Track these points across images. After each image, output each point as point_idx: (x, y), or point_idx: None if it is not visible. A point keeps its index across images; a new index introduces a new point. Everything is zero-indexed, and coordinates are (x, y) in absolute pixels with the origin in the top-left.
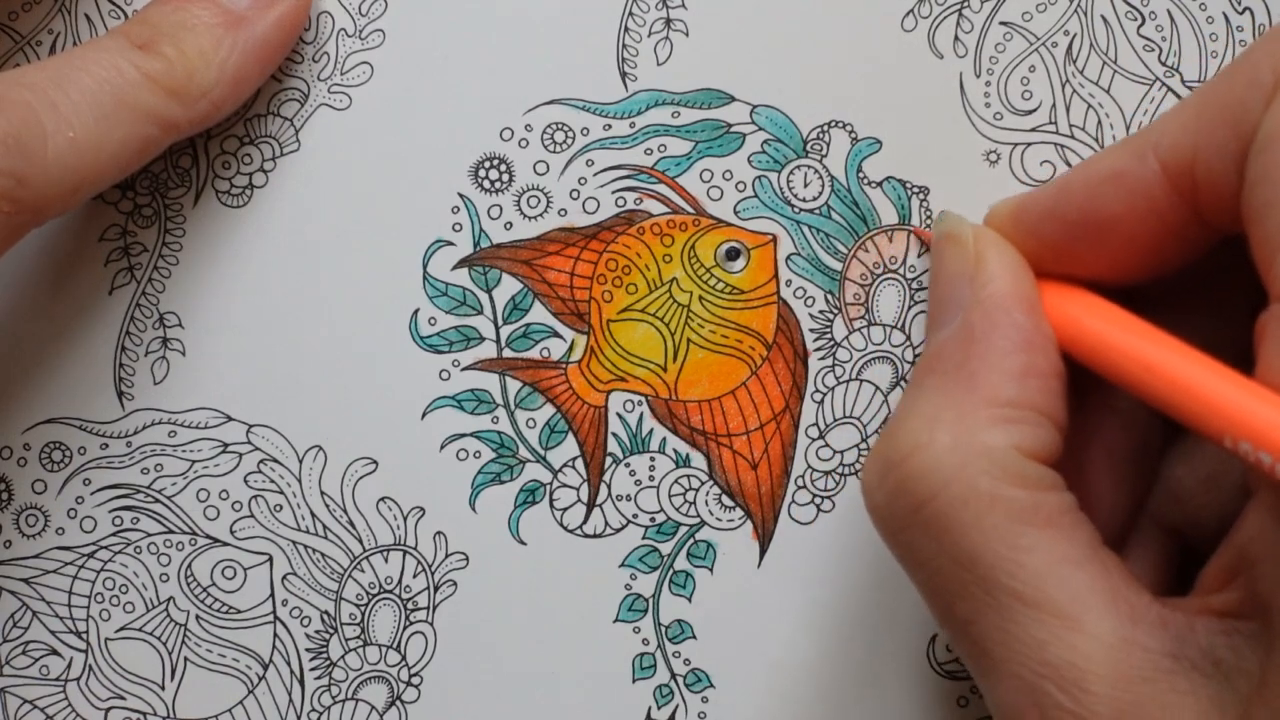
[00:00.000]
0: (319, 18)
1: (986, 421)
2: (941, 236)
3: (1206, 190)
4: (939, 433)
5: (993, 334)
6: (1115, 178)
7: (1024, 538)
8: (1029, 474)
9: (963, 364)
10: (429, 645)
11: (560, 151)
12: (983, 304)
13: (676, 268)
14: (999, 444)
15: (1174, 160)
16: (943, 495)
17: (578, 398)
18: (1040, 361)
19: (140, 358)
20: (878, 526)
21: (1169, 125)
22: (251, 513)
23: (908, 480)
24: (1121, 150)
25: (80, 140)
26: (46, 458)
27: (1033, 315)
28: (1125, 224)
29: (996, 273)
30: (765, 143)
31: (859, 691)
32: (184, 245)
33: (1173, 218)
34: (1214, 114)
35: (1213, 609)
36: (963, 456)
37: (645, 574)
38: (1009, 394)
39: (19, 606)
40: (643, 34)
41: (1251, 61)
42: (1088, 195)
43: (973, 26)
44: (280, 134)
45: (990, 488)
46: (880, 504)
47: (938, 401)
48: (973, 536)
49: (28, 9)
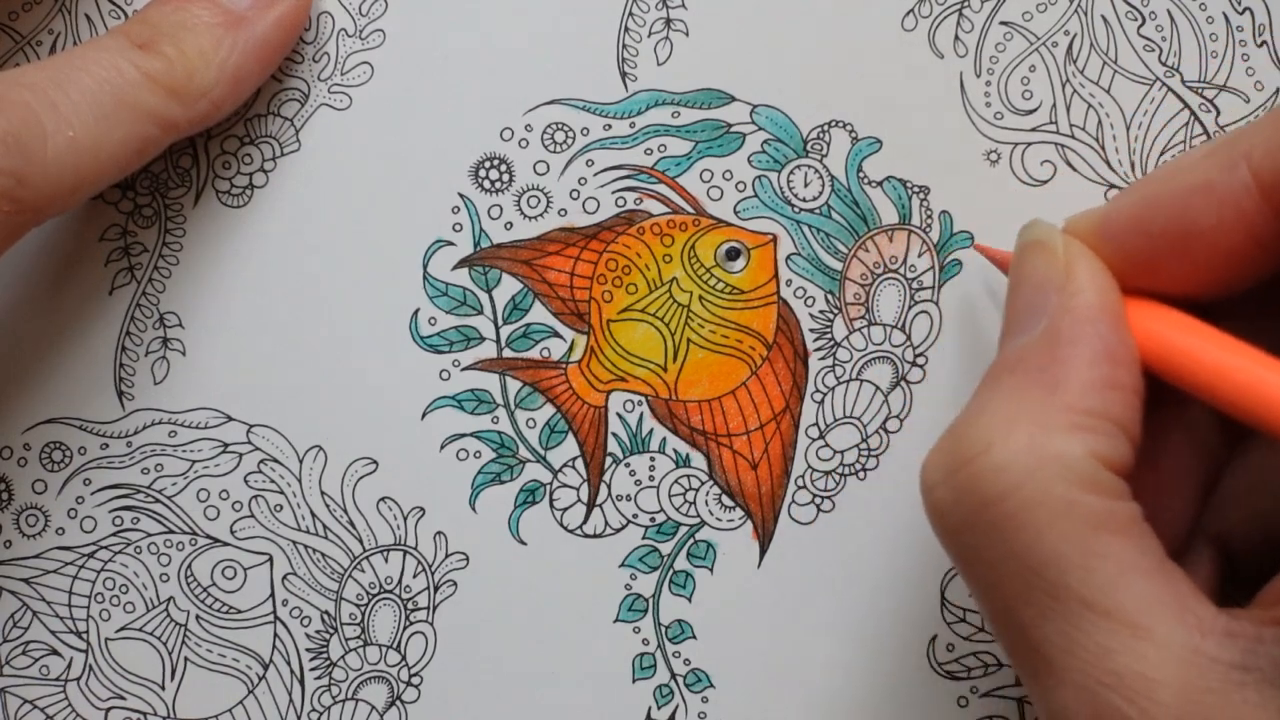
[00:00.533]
0: (319, 18)
1: (1065, 427)
2: (1029, 243)
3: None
4: (1015, 433)
5: (1079, 343)
6: (1204, 190)
7: (1097, 544)
8: (1104, 482)
9: (1045, 368)
10: (429, 645)
11: (560, 151)
12: (1071, 313)
13: (676, 268)
14: (1075, 451)
15: (1267, 171)
16: (1015, 496)
17: (578, 398)
18: (1122, 375)
19: (140, 358)
20: (937, 523)
21: (1262, 134)
22: (252, 513)
23: (979, 477)
24: (1210, 160)
25: (80, 140)
26: (47, 458)
27: (1119, 329)
28: (1213, 236)
29: (1086, 284)
30: (765, 143)
31: (859, 691)
32: (184, 245)
33: (1264, 230)
34: None
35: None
36: (1039, 459)
37: (645, 574)
38: (1089, 403)
39: (19, 606)
40: (643, 34)
41: None
42: (1176, 207)
43: (973, 26)
44: (280, 134)
45: (1065, 492)
46: (944, 500)
47: (1016, 402)
48: (1045, 539)
49: (28, 9)
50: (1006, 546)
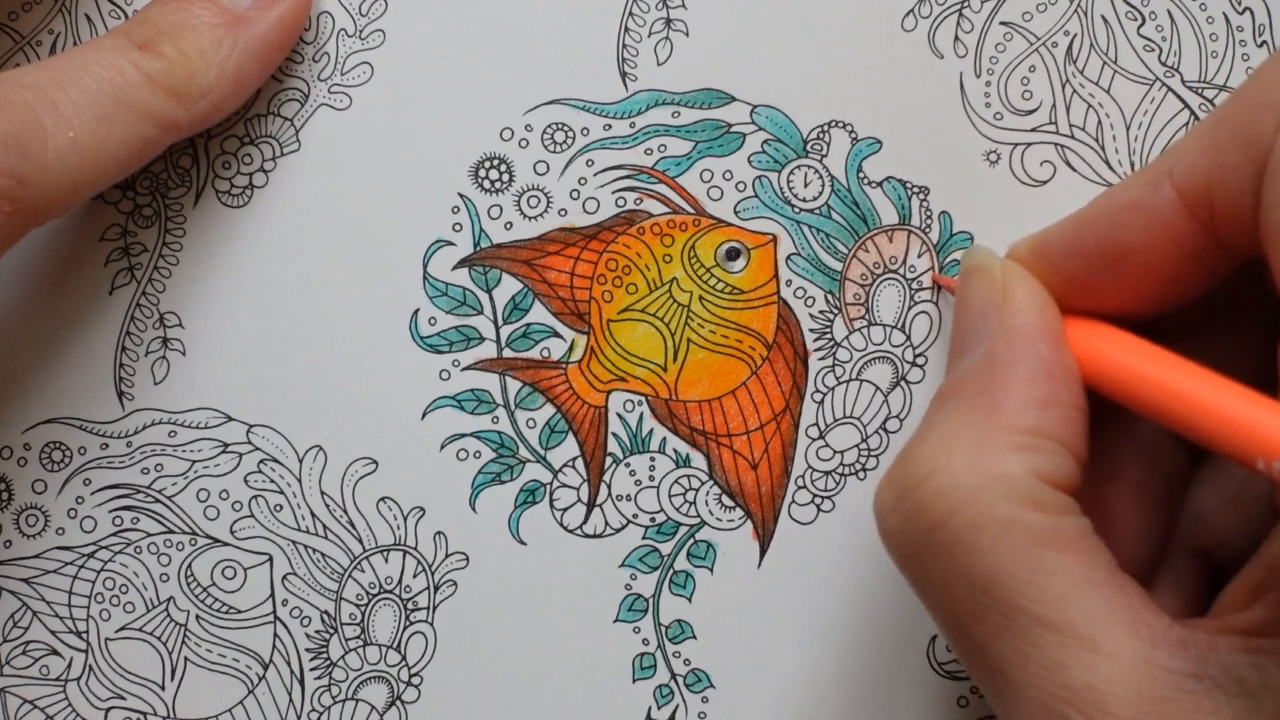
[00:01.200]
0: (319, 18)
1: (1005, 447)
2: (969, 269)
3: (1223, 215)
4: (956, 456)
5: (1016, 363)
6: (1133, 208)
7: (1043, 560)
8: (1046, 499)
9: (984, 390)
10: (429, 645)
11: (560, 151)
12: (1008, 333)
13: (677, 268)
14: (1017, 470)
15: (1190, 187)
16: (959, 517)
17: (578, 398)
18: (1062, 392)
19: (140, 358)
20: (891, 549)
21: (1183, 152)
22: (251, 513)
23: (923, 502)
24: (1137, 180)
25: (80, 140)
26: (46, 458)
27: (1057, 347)
28: (1145, 253)
29: (1023, 304)
30: (765, 143)
31: (859, 691)
32: (184, 245)
33: (1191, 244)
34: (1227, 138)
35: (1236, 628)
36: (980, 479)
37: (645, 574)
38: (1029, 422)
39: (19, 606)
40: (643, 34)
41: (1261, 82)
42: (1107, 227)
43: (973, 26)
44: (280, 134)
45: (1008, 511)
46: (894, 526)
47: (956, 426)
48: (990, 559)
49: (28, 9)
50: (955, 567)
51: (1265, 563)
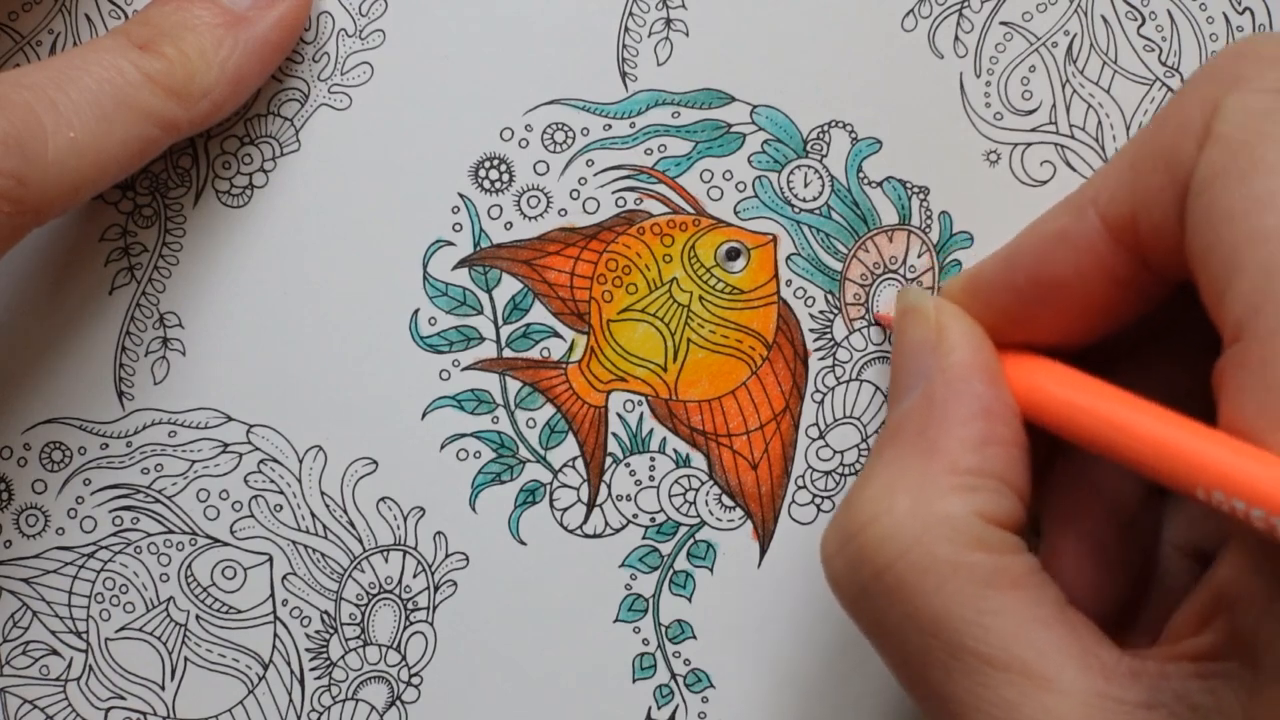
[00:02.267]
0: (319, 18)
1: (946, 489)
2: (904, 310)
3: (1149, 240)
4: (898, 501)
5: (953, 403)
6: (1059, 238)
7: (988, 601)
8: (990, 539)
9: (922, 432)
10: (429, 645)
11: (560, 151)
12: (944, 373)
13: (677, 268)
14: (959, 511)
15: (1114, 214)
16: (902, 562)
17: (578, 398)
18: (1001, 430)
19: (140, 358)
20: (837, 594)
21: (1106, 179)
22: (251, 513)
23: (866, 548)
24: (1062, 210)
25: (81, 140)
26: (46, 458)
27: (993, 385)
28: (1075, 283)
29: (957, 343)
30: (765, 143)
31: (859, 691)
32: (184, 245)
33: (1121, 272)
34: (1148, 163)
35: (1186, 654)
36: (922, 523)
37: (645, 574)
38: (968, 462)
39: (19, 606)
40: (643, 34)
41: (1180, 106)
42: (1035, 259)
43: (973, 26)
44: (280, 134)
45: (951, 553)
46: (840, 572)
47: (896, 470)
48: (935, 602)
49: (28, 9)
50: (902, 611)
51: (1212, 589)
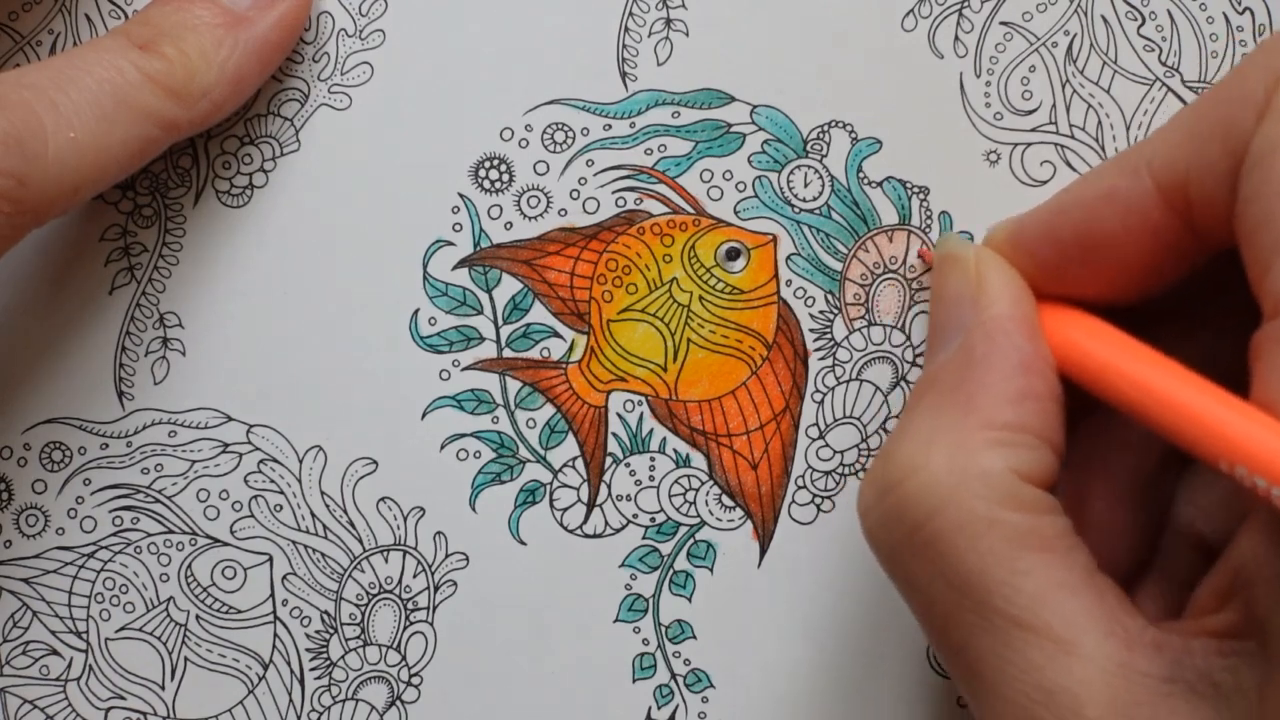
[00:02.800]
0: (319, 18)
1: (983, 444)
2: (943, 258)
3: (1200, 207)
4: (935, 455)
5: (992, 356)
6: (1109, 196)
7: (1021, 561)
8: (1025, 497)
9: (959, 386)
10: (429, 645)
11: (560, 151)
12: (983, 326)
13: (676, 268)
14: (995, 467)
15: (1167, 177)
16: (939, 518)
17: (578, 398)
18: (1038, 385)
19: (140, 358)
20: (874, 549)
21: (1162, 141)
22: (251, 513)
23: (903, 503)
24: (1114, 168)
25: (81, 140)
26: (46, 458)
27: (1032, 339)
28: (1121, 242)
29: (998, 295)
30: (765, 143)
31: (859, 691)
32: (184, 245)
33: (1168, 234)
34: (1206, 130)
35: (1208, 630)
36: (959, 479)
37: (645, 574)
38: (1006, 417)
39: (19, 606)
40: (643, 34)
41: (1242, 77)
42: (1083, 214)
43: (973, 26)
44: (280, 134)
45: (987, 511)
46: (875, 527)
47: (934, 424)
48: (969, 560)
49: (28, 9)
50: (935, 568)
51: (1232, 566)
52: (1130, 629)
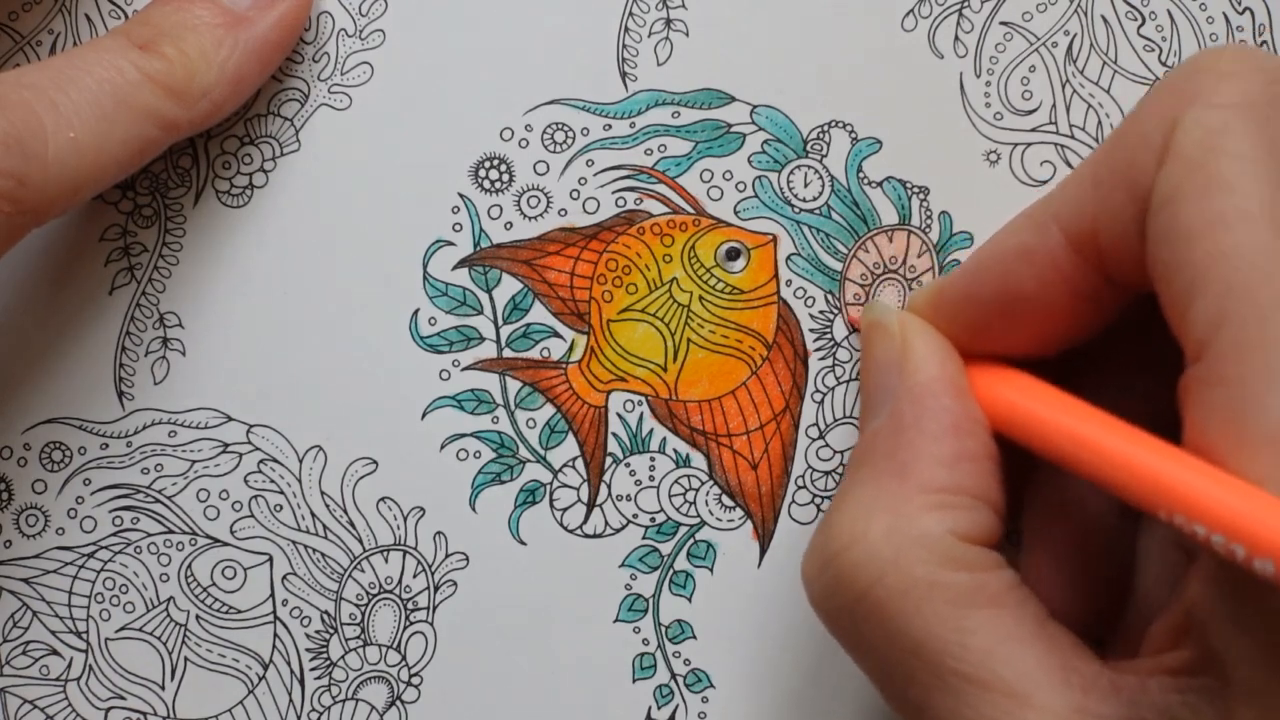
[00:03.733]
0: (319, 18)
1: (920, 509)
2: (869, 325)
3: (1111, 255)
4: (873, 523)
5: (922, 421)
6: (1021, 253)
7: (967, 620)
8: (967, 557)
9: (893, 453)
10: (429, 645)
11: (560, 151)
12: (911, 391)
13: (677, 268)
14: (934, 531)
15: (1076, 228)
16: (880, 585)
17: (578, 398)
18: (971, 445)
19: (140, 358)
20: (822, 617)
21: (1067, 194)
22: (251, 513)
23: (845, 572)
24: (1025, 224)
25: (81, 140)
26: (46, 458)
27: (961, 399)
28: (1039, 298)
29: (923, 359)
30: (765, 143)
31: (859, 692)
32: (184, 245)
33: (1084, 285)
34: (1109, 178)
35: (1165, 668)
36: (898, 545)
37: (645, 574)
38: (941, 480)
39: (19, 606)
40: (643, 34)
41: (1139, 122)
42: (999, 274)
43: (973, 26)
44: (280, 134)
45: (928, 574)
46: (821, 596)
47: (871, 492)
48: (915, 623)
49: (28, 9)
50: (882, 633)
51: (1184, 606)
52: (1085, 674)
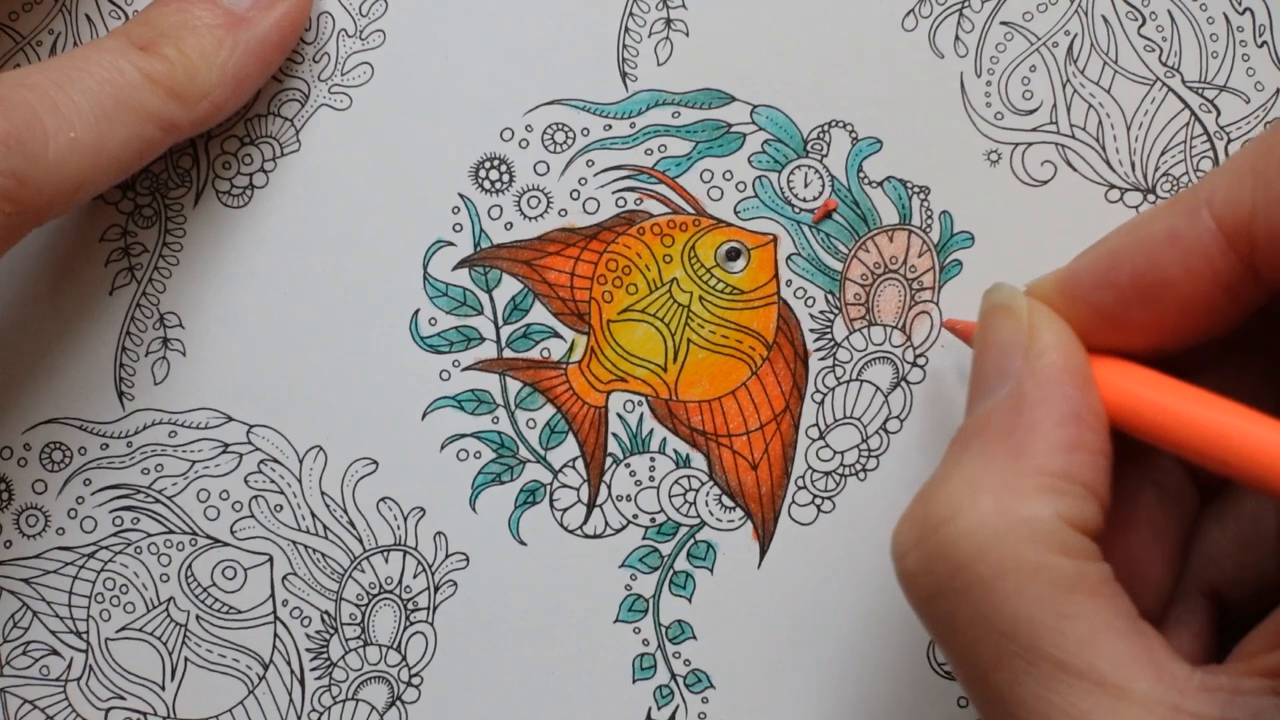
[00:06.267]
0: (319, 18)
1: (1032, 490)
2: (993, 307)
3: (1265, 245)
4: (982, 499)
5: (1044, 405)
6: (1170, 239)
7: (1068, 606)
8: (1072, 544)
9: (1011, 432)
10: (429, 645)
11: (560, 152)
12: (1036, 374)
13: (677, 268)
14: (1044, 513)
15: (1230, 217)
16: (984, 561)
17: (578, 398)
18: (1089, 437)
19: (140, 358)
20: (909, 590)
21: (1222, 180)
22: (252, 513)
23: (947, 544)
24: (1172, 210)
25: (81, 141)
26: (47, 458)
27: (1085, 390)
28: (1181, 286)
29: (1051, 345)
30: (765, 143)
31: (859, 691)
32: (184, 245)
33: (1229, 276)
34: (1274, 167)
35: (1260, 670)
36: (1006, 523)
37: (645, 574)
38: (1056, 465)
39: (19, 606)
40: (643, 34)
41: None
42: (1142, 258)
43: (973, 26)
44: (281, 134)
45: (1034, 555)
46: (914, 567)
47: (982, 467)
48: (1015, 604)
49: (28, 9)
50: (977, 611)
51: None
52: (1178, 673)
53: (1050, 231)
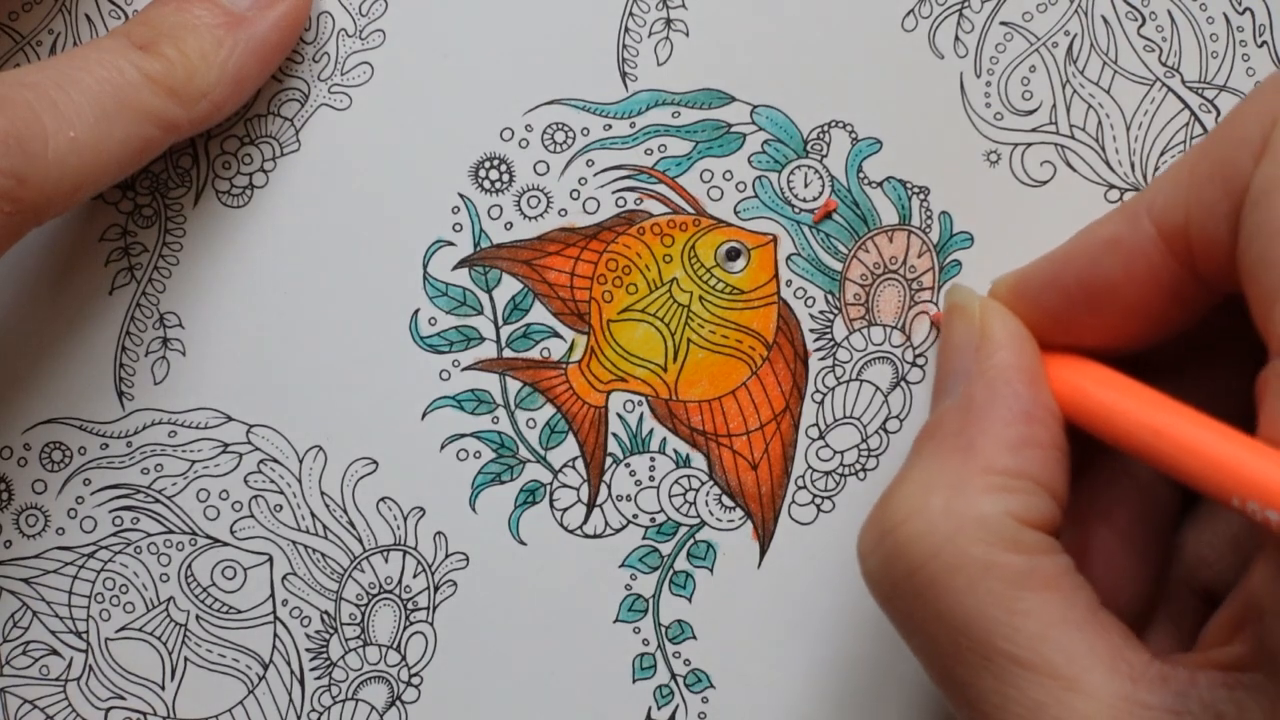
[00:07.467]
0: (319, 18)
1: (981, 489)
2: (950, 307)
3: (1201, 250)
4: (933, 499)
5: (992, 404)
6: (1112, 244)
7: (1020, 601)
8: (1024, 539)
9: (960, 433)
10: (429, 645)
11: (560, 151)
12: (985, 375)
13: (677, 268)
14: (992, 511)
15: (1168, 222)
16: (935, 561)
17: (578, 398)
18: (1039, 433)
19: (140, 358)
20: (872, 592)
21: (1161, 187)
22: (251, 513)
23: (901, 546)
24: (1116, 216)
25: (81, 140)
26: (46, 458)
27: (1034, 387)
28: (1124, 289)
29: (1000, 344)
30: (765, 143)
31: (859, 691)
32: (184, 245)
33: (1170, 280)
34: (1205, 173)
35: (1215, 662)
36: (956, 522)
37: (645, 574)
38: (1005, 463)
39: (19, 606)
40: (643, 34)
41: (1239, 119)
42: (1086, 263)
43: (973, 26)
44: (280, 134)
45: (983, 553)
46: (874, 569)
47: (933, 469)
48: (967, 601)
49: (28, 9)
50: (933, 610)
51: (1243, 598)
52: (1134, 663)
53: (1050, 232)
